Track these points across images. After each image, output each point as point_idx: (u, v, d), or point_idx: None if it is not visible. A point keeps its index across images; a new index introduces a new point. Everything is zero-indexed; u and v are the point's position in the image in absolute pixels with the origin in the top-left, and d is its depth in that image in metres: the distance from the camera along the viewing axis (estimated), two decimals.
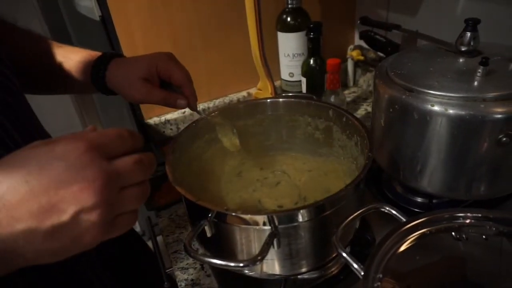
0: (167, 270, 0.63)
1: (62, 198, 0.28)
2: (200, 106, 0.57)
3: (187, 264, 0.60)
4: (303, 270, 0.50)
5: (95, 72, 0.56)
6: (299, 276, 0.55)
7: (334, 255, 0.51)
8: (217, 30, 0.89)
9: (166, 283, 0.61)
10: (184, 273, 0.59)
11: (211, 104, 0.95)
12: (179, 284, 0.58)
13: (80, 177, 0.28)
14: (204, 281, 0.57)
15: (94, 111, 1.65)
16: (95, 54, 0.58)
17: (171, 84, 0.55)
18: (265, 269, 0.49)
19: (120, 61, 0.56)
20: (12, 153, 0.29)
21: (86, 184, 0.28)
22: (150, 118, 0.91)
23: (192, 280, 0.58)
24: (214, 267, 0.58)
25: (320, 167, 0.66)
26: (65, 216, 0.28)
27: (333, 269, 0.56)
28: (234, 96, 0.98)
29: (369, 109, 0.97)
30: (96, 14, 0.74)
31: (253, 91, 0.97)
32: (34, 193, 0.27)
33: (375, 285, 0.35)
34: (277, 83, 0.95)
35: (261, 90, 0.92)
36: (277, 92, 0.93)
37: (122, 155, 0.32)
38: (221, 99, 0.97)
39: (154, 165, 0.35)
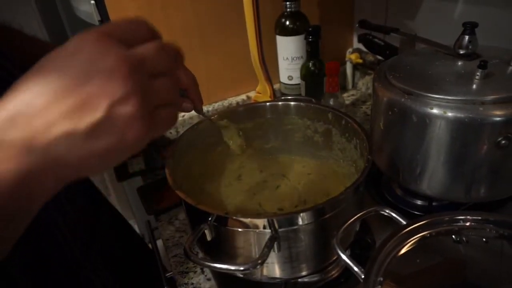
0: (167, 274, 0.63)
1: (90, 94, 0.25)
2: None
3: (187, 268, 0.60)
4: (304, 273, 0.50)
5: None
6: (299, 280, 0.55)
7: (334, 258, 0.51)
8: (216, 33, 0.89)
9: (166, 287, 0.61)
10: (184, 277, 0.59)
11: (210, 108, 0.96)
12: None
13: (100, 68, 0.26)
14: (205, 285, 0.57)
15: None
16: None
17: None
18: (265, 272, 0.49)
19: None
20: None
21: (109, 74, 0.26)
22: None
23: (192, 284, 0.57)
24: (214, 271, 0.58)
25: (319, 170, 0.66)
26: (99, 113, 0.26)
27: (333, 272, 0.56)
28: (234, 99, 0.99)
29: (368, 112, 0.97)
30: (95, 19, 0.74)
31: (252, 94, 0.97)
32: (58, 95, 0.25)
33: None
34: (276, 86, 0.95)
35: (261, 93, 0.92)
36: (276, 95, 0.93)
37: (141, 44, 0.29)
38: (220, 102, 0.97)
39: (181, 54, 0.32)
